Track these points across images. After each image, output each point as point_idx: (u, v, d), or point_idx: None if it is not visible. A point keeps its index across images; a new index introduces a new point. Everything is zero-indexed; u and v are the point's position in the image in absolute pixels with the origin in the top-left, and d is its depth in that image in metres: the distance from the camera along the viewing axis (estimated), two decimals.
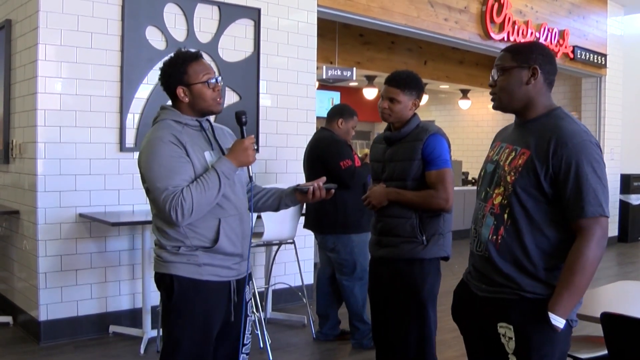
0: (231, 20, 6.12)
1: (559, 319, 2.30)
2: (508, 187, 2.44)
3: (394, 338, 3.68)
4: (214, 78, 2.90)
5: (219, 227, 2.84)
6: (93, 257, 5.37)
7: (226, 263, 2.89)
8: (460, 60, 11.88)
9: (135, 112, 5.54)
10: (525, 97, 2.49)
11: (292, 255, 5.94)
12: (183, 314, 2.84)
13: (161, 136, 2.79)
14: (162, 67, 2.94)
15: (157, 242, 2.92)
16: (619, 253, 11.14)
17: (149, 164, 2.78)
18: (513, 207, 2.42)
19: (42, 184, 5.11)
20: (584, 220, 2.32)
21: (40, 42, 5.06)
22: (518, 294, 2.40)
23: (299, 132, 6.70)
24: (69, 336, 5.24)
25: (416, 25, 7.94)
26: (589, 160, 2.33)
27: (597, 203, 2.33)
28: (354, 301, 5.16)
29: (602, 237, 2.33)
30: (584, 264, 2.29)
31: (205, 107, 2.91)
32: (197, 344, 2.85)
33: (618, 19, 11.90)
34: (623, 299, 3.64)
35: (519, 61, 2.49)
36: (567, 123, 2.41)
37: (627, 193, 12.23)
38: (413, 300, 3.59)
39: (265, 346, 5.00)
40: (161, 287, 2.89)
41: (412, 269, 3.59)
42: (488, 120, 14.12)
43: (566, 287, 2.31)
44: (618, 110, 11.95)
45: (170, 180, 2.72)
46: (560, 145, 2.34)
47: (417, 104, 3.73)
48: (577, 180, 2.32)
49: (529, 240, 2.39)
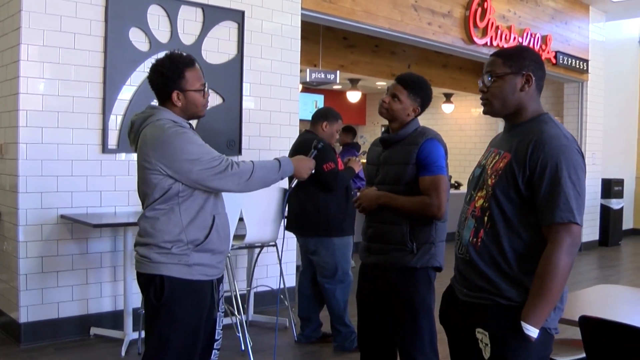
0: (215, 23, 6.11)
1: (532, 328, 2.28)
2: (489, 189, 2.45)
3: (382, 347, 3.61)
4: (205, 86, 3.01)
5: (213, 223, 2.93)
6: (74, 259, 5.34)
7: (213, 262, 2.97)
8: (444, 64, 11.93)
9: (118, 114, 5.52)
10: (518, 103, 2.50)
11: (274, 258, 5.93)
12: (173, 314, 2.88)
13: (178, 128, 2.88)
14: (158, 68, 2.96)
15: (141, 242, 2.94)
16: (599, 257, 11.23)
17: (186, 146, 2.83)
18: (492, 209, 2.42)
19: (24, 185, 5.08)
20: (554, 226, 2.29)
21: (22, 43, 5.03)
22: (494, 300, 2.40)
23: (282, 134, 6.70)
24: (50, 338, 5.21)
25: (400, 29, 7.97)
26: (566, 165, 2.30)
27: (567, 209, 2.28)
28: (335, 304, 5.16)
29: (571, 244, 2.28)
30: (552, 272, 2.26)
31: (195, 112, 3.03)
32: (186, 343, 2.91)
33: (600, 25, 12.01)
34: (602, 303, 3.66)
35: (512, 68, 2.49)
36: (549, 127, 2.41)
37: (608, 198, 12.34)
38: (405, 310, 3.50)
39: (246, 349, 5.00)
40: (149, 288, 2.90)
41: (402, 279, 3.48)
42: (471, 124, 14.20)
43: (536, 296, 2.29)
44: (599, 115, 12.05)
45: (215, 152, 2.89)
46: (538, 148, 2.33)
47: (417, 111, 3.60)
48: (549, 184, 2.30)
49: (506, 243, 2.39)
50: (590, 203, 11.94)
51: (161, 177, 2.84)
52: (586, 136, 11.68)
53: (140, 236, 2.96)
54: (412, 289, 3.48)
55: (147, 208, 2.92)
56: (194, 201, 2.89)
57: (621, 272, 10.15)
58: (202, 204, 2.91)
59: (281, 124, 6.72)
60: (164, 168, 2.82)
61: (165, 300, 2.86)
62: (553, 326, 2.41)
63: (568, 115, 11.84)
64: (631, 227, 13.86)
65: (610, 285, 4.68)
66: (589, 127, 11.74)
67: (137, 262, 2.96)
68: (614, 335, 2.58)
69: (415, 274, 3.47)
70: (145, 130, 2.91)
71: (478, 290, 2.46)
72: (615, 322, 2.59)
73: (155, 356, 2.89)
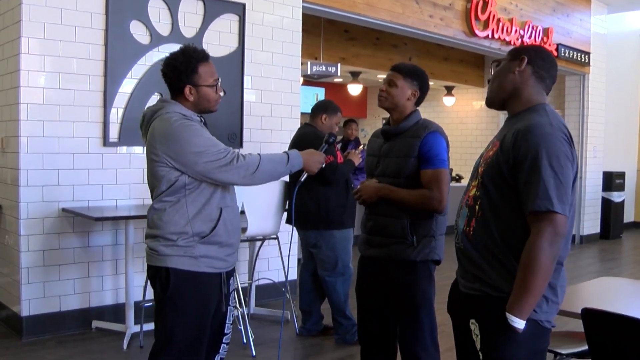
0: (216, 15, 6.10)
1: (517, 320, 2.25)
2: (479, 178, 2.46)
3: (383, 341, 3.61)
4: (218, 81, 3.01)
5: (220, 216, 2.93)
6: (76, 252, 5.35)
7: (220, 254, 2.97)
8: (445, 57, 11.91)
9: (119, 107, 5.51)
10: (511, 85, 2.51)
11: (276, 251, 5.94)
12: (179, 306, 2.89)
13: (186, 121, 2.88)
14: (171, 62, 2.98)
15: (150, 233, 2.95)
16: (600, 250, 11.24)
17: (192, 139, 2.83)
18: (482, 198, 2.42)
19: (25, 179, 5.08)
20: (533, 215, 2.26)
21: (23, 36, 5.02)
22: (484, 291, 2.40)
23: (284, 127, 6.69)
24: (52, 331, 5.21)
25: (401, 22, 7.95)
26: (548, 153, 2.26)
27: (546, 197, 2.23)
28: (336, 297, 5.17)
29: (553, 234, 2.23)
30: (532, 262, 2.23)
31: (207, 107, 3.03)
32: (192, 336, 2.92)
33: (602, 17, 11.98)
34: (604, 295, 3.67)
35: (511, 54, 2.56)
36: (537, 115, 2.39)
37: (610, 190, 12.34)
38: (405, 303, 3.49)
39: (248, 341, 5.01)
40: (156, 280, 2.92)
41: (402, 272, 3.45)
42: (472, 117, 14.17)
43: (519, 287, 2.26)
44: (601, 108, 12.04)
45: (222, 144, 2.89)
46: (522, 135, 2.31)
47: (416, 94, 3.54)
48: (530, 172, 2.27)
49: (496, 231, 2.37)
50: (592, 196, 11.96)
51: (168, 170, 2.85)
52: (587, 129, 11.68)
53: (149, 228, 2.99)
54: (413, 283, 3.47)
55: (155, 200, 2.94)
56: (201, 194, 2.89)
57: (622, 265, 10.16)
58: (209, 197, 2.91)
59: (282, 116, 6.72)
60: (170, 160, 2.83)
61: (171, 292, 2.87)
62: (546, 319, 2.37)
63: (569, 108, 11.83)
64: (632, 220, 13.86)
65: (612, 277, 4.68)
66: (590, 119, 11.73)
67: (146, 254, 2.99)
68: (616, 327, 2.58)
69: (416, 267, 3.45)
70: (154, 123, 2.93)
71: (472, 280, 2.46)
72: (618, 314, 2.60)
73: (162, 348, 2.91)
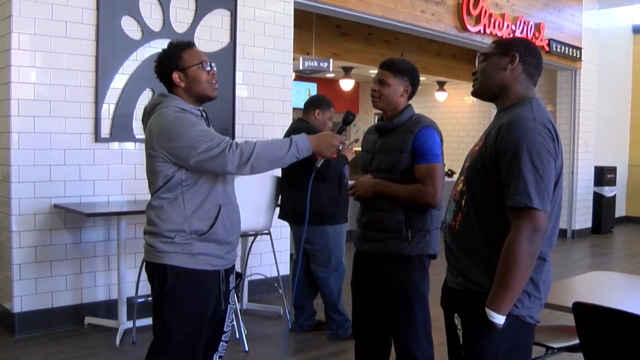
0: (207, 11, 6.09)
1: (496, 315, 2.24)
2: (465, 173, 2.47)
3: (377, 335, 3.62)
4: (208, 64, 2.96)
5: (219, 213, 2.90)
6: (68, 248, 5.34)
7: (219, 252, 2.94)
8: (437, 52, 11.90)
9: (110, 103, 5.49)
10: (501, 82, 2.49)
11: (268, 246, 5.94)
12: (177, 303, 2.87)
13: (180, 114, 2.85)
14: (157, 58, 2.98)
15: (148, 230, 2.94)
16: (592, 244, 11.29)
17: (185, 131, 2.78)
18: (467, 193, 2.43)
19: (16, 175, 5.07)
20: (513, 211, 2.25)
21: (13, 31, 5.00)
22: (465, 285, 2.41)
23: (275, 123, 6.69)
24: (44, 328, 5.21)
25: (393, 17, 7.95)
26: (529, 149, 2.23)
27: (525, 193, 2.21)
28: (329, 292, 5.18)
29: (532, 230, 2.21)
30: (511, 258, 2.22)
31: (202, 91, 2.96)
32: (190, 333, 2.90)
33: (593, 12, 12.01)
34: (595, 289, 3.68)
35: (500, 49, 2.52)
36: (522, 110, 2.36)
37: (601, 185, 12.38)
38: (399, 298, 3.49)
39: (241, 337, 5.01)
40: (154, 276, 2.91)
41: (397, 266, 3.46)
42: (464, 112, 14.18)
43: (499, 282, 2.25)
44: (592, 103, 12.08)
45: (216, 134, 2.81)
46: (504, 130, 2.30)
47: (408, 90, 3.55)
48: (510, 167, 2.25)
49: (477, 227, 2.37)
50: (583, 191, 12.00)
51: (165, 165, 2.83)
52: (579, 124, 11.73)
53: (147, 225, 2.97)
54: (407, 277, 3.47)
55: (153, 197, 2.92)
56: (198, 191, 2.87)
57: (614, 259, 10.20)
58: (207, 194, 2.89)
59: (274, 112, 6.71)
60: (166, 154, 2.81)
61: (169, 289, 2.85)
62: (528, 314, 2.36)
63: (561, 103, 11.87)
64: (624, 214, 13.93)
65: (603, 272, 4.70)
66: (582, 115, 11.77)
67: (145, 250, 2.98)
68: (607, 321, 2.59)
69: (410, 261, 3.46)
70: (151, 118, 2.91)
71: (456, 274, 2.48)
72: (608, 308, 2.61)
73: (160, 345, 2.89)
